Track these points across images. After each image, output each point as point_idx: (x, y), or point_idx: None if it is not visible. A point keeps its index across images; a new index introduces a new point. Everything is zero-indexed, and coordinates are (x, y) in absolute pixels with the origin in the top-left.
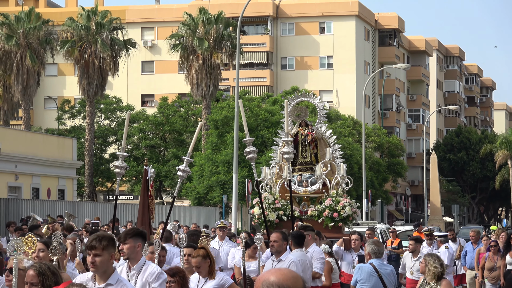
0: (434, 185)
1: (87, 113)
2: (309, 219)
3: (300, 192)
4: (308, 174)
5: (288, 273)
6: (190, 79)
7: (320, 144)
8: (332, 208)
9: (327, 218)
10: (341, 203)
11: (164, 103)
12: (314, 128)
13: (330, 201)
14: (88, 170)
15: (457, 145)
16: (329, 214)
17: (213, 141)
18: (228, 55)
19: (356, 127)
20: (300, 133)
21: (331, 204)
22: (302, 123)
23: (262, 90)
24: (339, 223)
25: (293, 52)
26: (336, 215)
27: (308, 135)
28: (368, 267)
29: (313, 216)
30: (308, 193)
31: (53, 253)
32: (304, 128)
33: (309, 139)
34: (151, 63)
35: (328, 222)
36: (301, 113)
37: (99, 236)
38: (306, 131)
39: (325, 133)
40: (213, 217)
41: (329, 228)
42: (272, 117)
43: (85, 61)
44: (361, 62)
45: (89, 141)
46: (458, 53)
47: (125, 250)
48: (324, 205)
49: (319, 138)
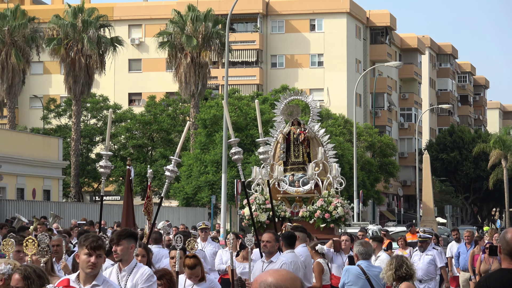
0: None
1: (73, 112)
2: (300, 220)
3: (292, 192)
4: (300, 174)
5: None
6: (178, 78)
7: (312, 144)
8: (323, 209)
9: (319, 219)
10: (333, 203)
11: (152, 102)
12: (306, 127)
13: (322, 202)
14: (74, 170)
15: (450, 144)
16: (320, 215)
17: (201, 140)
18: (217, 53)
19: (347, 126)
20: (292, 132)
21: (323, 205)
22: (294, 122)
23: (252, 88)
24: (331, 224)
25: (283, 50)
26: (328, 216)
27: (301, 134)
28: (356, 269)
29: (304, 217)
30: (300, 193)
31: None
32: (296, 127)
33: (301, 138)
34: (138, 61)
35: (319, 223)
36: (293, 111)
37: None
38: (299, 130)
39: (318, 132)
40: (201, 218)
41: (320, 229)
42: (262, 115)
43: (71, 59)
44: (353, 60)
45: (75, 140)
46: (451, 51)
47: (119, 251)
48: (316, 205)
49: (312, 137)
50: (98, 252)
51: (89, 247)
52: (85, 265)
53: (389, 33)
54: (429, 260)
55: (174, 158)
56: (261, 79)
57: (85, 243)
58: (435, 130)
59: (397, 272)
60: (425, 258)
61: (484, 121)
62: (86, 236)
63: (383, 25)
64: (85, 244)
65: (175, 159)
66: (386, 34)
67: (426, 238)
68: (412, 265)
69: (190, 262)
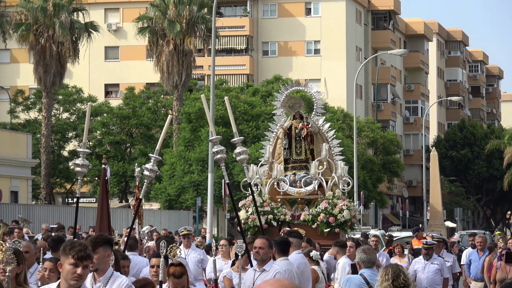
0: (435, 186)
1: (44, 105)
2: (302, 224)
3: (293, 193)
4: (302, 173)
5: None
6: (159, 67)
7: (316, 139)
8: (328, 212)
9: (322, 223)
10: (338, 206)
11: (130, 94)
12: (309, 121)
13: (326, 204)
14: (45, 169)
15: (460, 140)
16: (324, 218)
17: (185, 136)
18: (203, 40)
19: (347, 120)
20: (294, 127)
21: (327, 208)
22: (296, 115)
23: (241, 79)
24: (336, 229)
25: (275, 37)
26: (333, 220)
27: (303, 129)
28: (358, 279)
29: (306, 221)
30: (302, 194)
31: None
32: (298, 121)
33: (304, 134)
34: (115, 48)
35: (323, 228)
36: (295, 103)
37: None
38: (301, 124)
39: (323, 127)
40: (185, 222)
41: (324, 234)
42: (253, 109)
43: (41, 46)
44: (352, 48)
45: (45, 136)
46: (461, 37)
47: (95, 260)
48: (319, 208)
49: (316, 132)
50: (85, 263)
51: (76, 257)
52: (70, 277)
53: (393, 18)
54: (435, 270)
55: (154, 156)
56: (251, 69)
57: (71, 252)
58: (443, 125)
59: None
60: (430, 268)
61: (498, 115)
62: (72, 244)
63: (386, 9)
64: (72, 254)
65: (154, 157)
66: (389, 19)
67: (432, 245)
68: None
69: (177, 270)
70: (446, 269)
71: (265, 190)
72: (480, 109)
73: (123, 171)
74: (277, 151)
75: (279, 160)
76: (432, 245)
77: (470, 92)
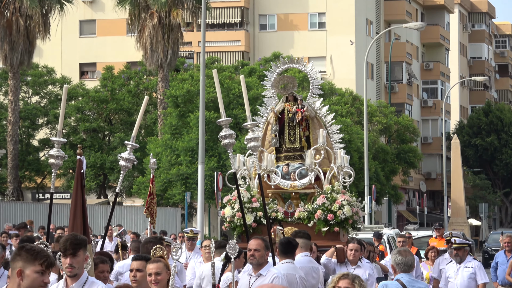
0: (457, 178)
1: (10, 87)
2: (296, 222)
3: (286, 187)
4: (297, 164)
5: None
6: (142, 44)
7: (313, 125)
8: (326, 208)
9: (320, 221)
10: (337, 201)
11: (109, 75)
12: (305, 104)
13: (324, 199)
14: (12, 161)
15: (486, 127)
16: (322, 216)
17: (172, 122)
18: (192, 12)
19: (356, 104)
20: (287, 110)
21: (325, 203)
22: (289, 97)
23: (236, 57)
24: (335, 227)
25: (274, 9)
26: (331, 217)
27: (297, 113)
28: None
29: (301, 218)
30: (297, 188)
31: None
32: (292, 103)
33: (298, 118)
34: (92, 22)
35: (320, 227)
36: (288, 83)
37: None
38: (295, 108)
39: (320, 110)
40: (172, 221)
41: (322, 234)
42: (249, 91)
43: (6, 20)
44: (362, 21)
45: (12, 123)
46: (486, 8)
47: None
48: (316, 204)
49: (312, 116)
50: (51, 271)
51: (45, 265)
52: (37, 285)
53: None
54: (469, 274)
55: (130, 144)
56: (247, 45)
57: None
58: (466, 109)
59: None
60: (464, 272)
61: None
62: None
63: None
64: (40, 261)
65: (131, 144)
66: None
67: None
68: None
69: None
70: (482, 273)
71: (253, 183)
72: (508, 90)
73: (101, 163)
74: (267, 138)
75: (269, 149)
76: (463, 245)
77: (496, 71)
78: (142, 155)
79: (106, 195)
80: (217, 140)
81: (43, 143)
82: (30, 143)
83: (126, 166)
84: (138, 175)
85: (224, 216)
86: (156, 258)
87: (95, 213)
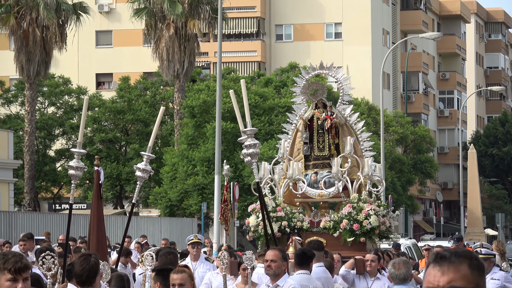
0: (473, 188)
1: (27, 98)
2: (322, 232)
3: (314, 196)
4: (325, 172)
5: None
6: (158, 54)
7: (342, 132)
8: (352, 218)
9: (345, 231)
10: (364, 211)
11: (125, 85)
12: (334, 111)
13: (350, 209)
14: (29, 172)
15: (502, 136)
16: (347, 225)
17: (188, 133)
18: (208, 23)
19: (372, 114)
20: (316, 117)
21: (351, 212)
22: (318, 104)
23: (252, 67)
24: (361, 237)
25: (291, 19)
26: (357, 226)
27: (327, 120)
28: None
29: (327, 228)
30: (325, 197)
31: None
32: (321, 110)
33: (327, 125)
34: (108, 33)
35: (346, 237)
36: (317, 90)
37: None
38: (324, 115)
39: (350, 117)
40: (189, 231)
41: (348, 244)
42: (265, 102)
43: (23, 31)
44: (379, 31)
45: (29, 134)
46: (503, 18)
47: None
48: (342, 213)
49: (342, 124)
50: (25, 275)
51: (13, 270)
52: None
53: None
54: (496, 287)
55: (146, 154)
56: (263, 56)
57: (6, 265)
58: (483, 119)
59: None
60: (490, 284)
61: None
62: (5, 257)
63: None
64: (7, 267)
65: (147, 155)
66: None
67: (490, 256)
68: None
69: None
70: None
71: (279, 192)
72: None
73: (117, 174)
74: (297, 146)
75: (298, 157)
76: (489, 256)
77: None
78: (158, 166)
79: (123, 205)
80: (233, 150)
81: (59, 154)
82: (47, 154)
83: (142, 177)
84: (155, 186)
85: (248, 225)
86: (180, 269)
87: (111, 224)
